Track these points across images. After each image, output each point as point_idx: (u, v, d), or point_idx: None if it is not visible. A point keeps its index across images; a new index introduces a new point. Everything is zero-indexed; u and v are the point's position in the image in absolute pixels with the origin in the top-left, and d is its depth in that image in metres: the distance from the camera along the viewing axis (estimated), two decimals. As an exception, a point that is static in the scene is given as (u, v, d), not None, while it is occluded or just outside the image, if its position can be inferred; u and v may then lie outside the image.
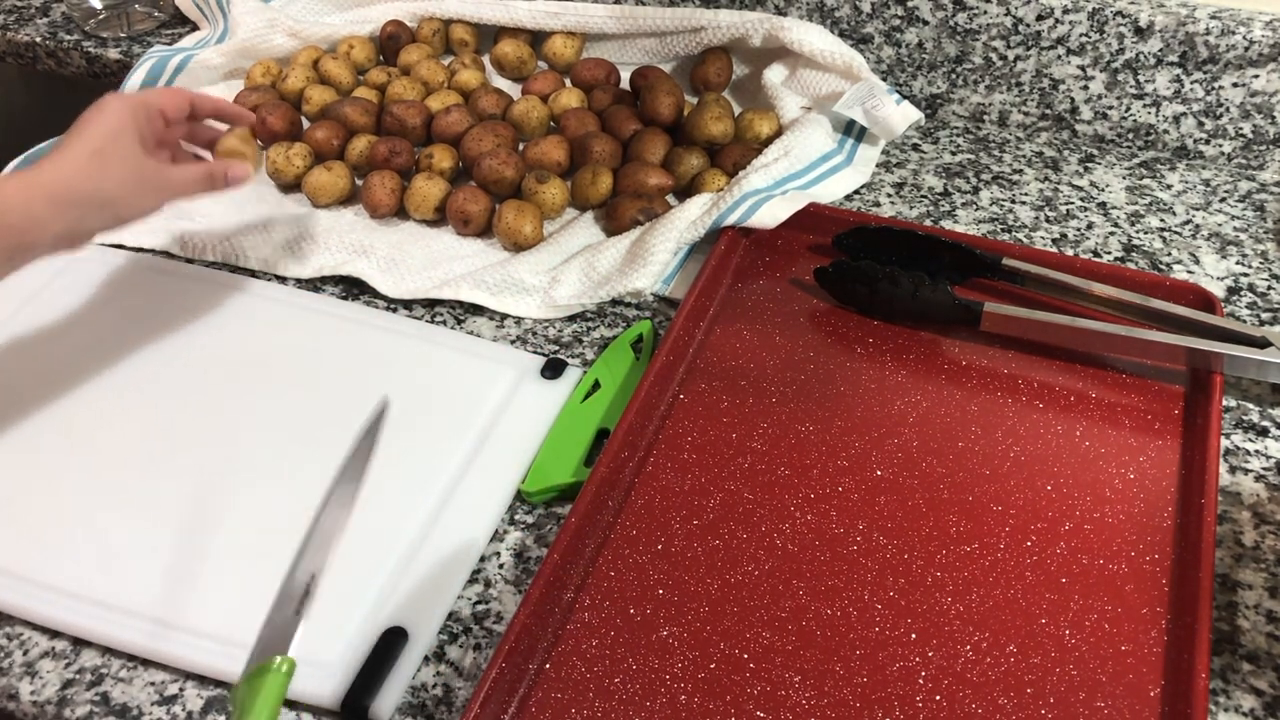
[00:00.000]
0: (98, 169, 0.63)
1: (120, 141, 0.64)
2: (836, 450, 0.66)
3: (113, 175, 0.64)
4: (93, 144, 0.63)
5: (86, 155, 0.63)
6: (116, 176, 0.64)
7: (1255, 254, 0.82)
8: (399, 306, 0.79)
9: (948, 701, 0.54)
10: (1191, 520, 0.60)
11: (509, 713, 0.54)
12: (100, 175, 0.63)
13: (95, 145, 0.63)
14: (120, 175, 0.64)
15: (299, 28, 1.01)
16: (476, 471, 0.66)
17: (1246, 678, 0.56)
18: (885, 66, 0.98)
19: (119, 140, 0.64)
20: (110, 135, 0.64)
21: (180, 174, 0.68)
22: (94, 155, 0.63)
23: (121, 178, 0.64)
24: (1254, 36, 0.84)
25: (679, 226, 0.79)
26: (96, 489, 0.65)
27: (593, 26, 1.01)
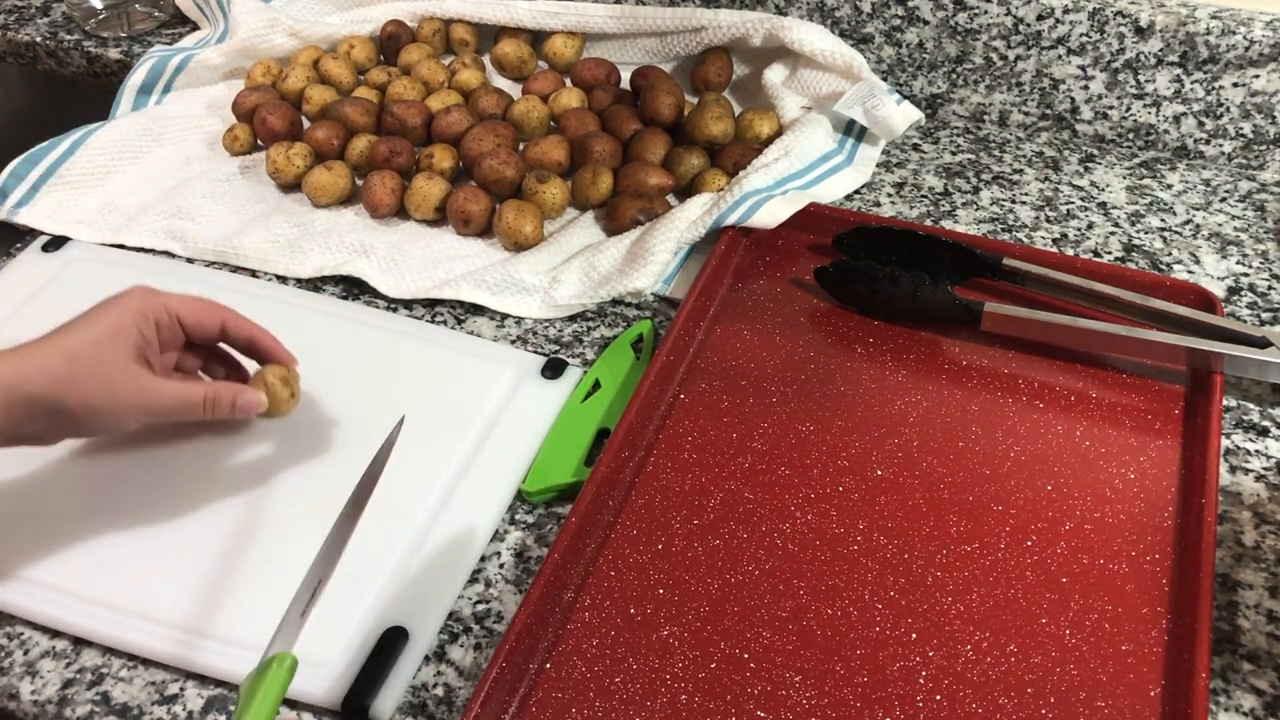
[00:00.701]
0: (63, 374, 0.55)
1: (104, 349, 0.57)
2: (836, 450, 0.66)
3: (78, 387, 0.56)
4: (72, 344, 0.56)
5: (60, 356, 0.56)
6: (82, 390, 0.56)
7: (1255, 254, 0.82)
8: (399, 306, 0.79)
9: (948, 701, 0.54)
10: (1192, 520, 0.60)
11: (509, 713, 0.54)
12: (62, 382, 0.55)
13: (73, 346, 0.56)
14: (87, 390, 0.56)
15: (299, 27, 1.01)
16: (476, 471, 0.66)
17: (1247, 678, 0.56)
18: (885, 66, 0.98)
19: (104, 347, 0.57)
20: (96, 340, 0.57)
21: (169, 394, 0.59)
22: (66, 358, 0.56)
23: (87, 392, 0.56)
24: (1254, 36, 0.84)
25: (679, 226, 0.79)
26: (96, 489, 0.65)
27: (593, 26, 1.01)
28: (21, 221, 0.86)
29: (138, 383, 0.58)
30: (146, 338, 0.59)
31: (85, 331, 0.57)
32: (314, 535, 0.62)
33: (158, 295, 0.61)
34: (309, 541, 0.62)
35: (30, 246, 0.83)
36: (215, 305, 0.64)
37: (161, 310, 0.60)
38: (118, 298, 0.60)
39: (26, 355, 0.56)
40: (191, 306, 0.62)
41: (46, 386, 0.55)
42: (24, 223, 0.86)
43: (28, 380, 0.55)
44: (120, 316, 0.58)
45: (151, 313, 0.60)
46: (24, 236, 0.85)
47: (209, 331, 0.63)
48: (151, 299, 0.60)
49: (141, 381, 0.58)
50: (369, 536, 0.62)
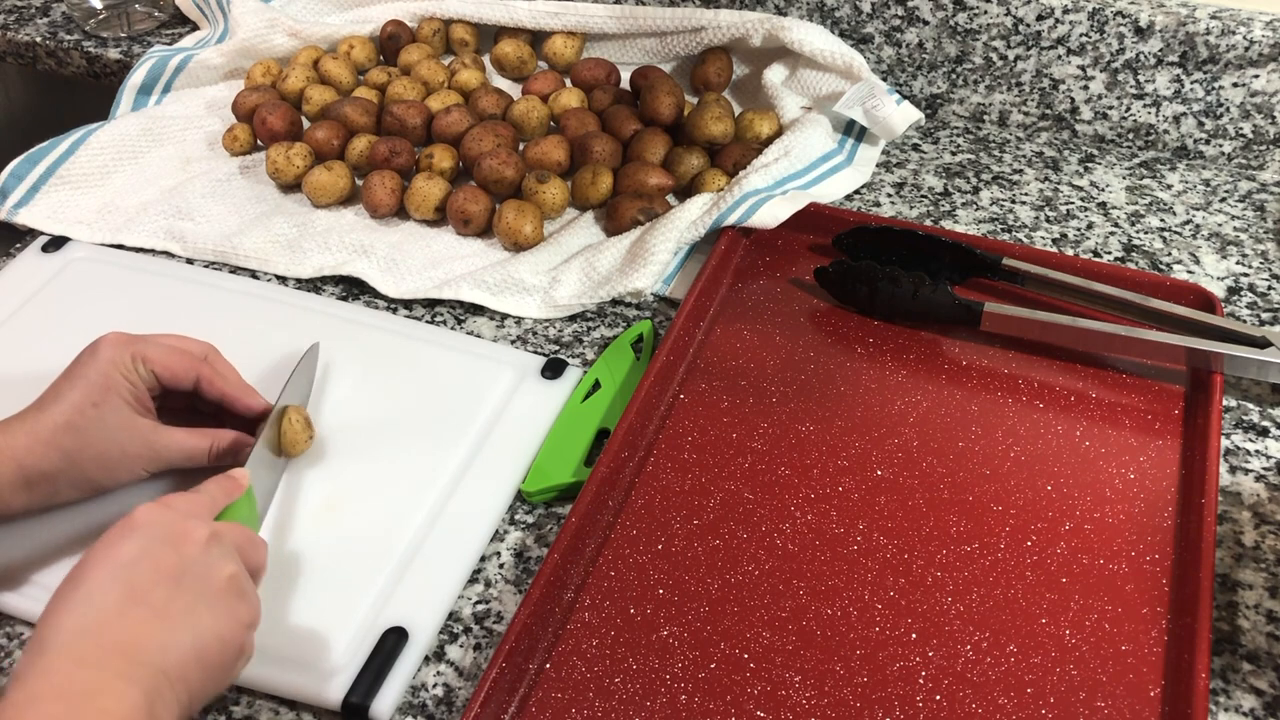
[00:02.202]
0: (72, 445, 0.57)
1: (103, 410, 0.57)
2: (836, 450, 0.66)
3: (93, 452, 0.57)
4: (70, 413, 0.57)
5: (62, 427, 0.57)
6: (97, 453, 0.57)
7: (1255, 254, 0.82)
8: (399, 306, 0.79)
9: (948, 701, 0.54)
10: (1192, 520, 0.60)
11: (509, 713, 0.54)
12: (74, 453, 0.57)
13: (71, 415, 0.57)
14: (102, 451, 0.57)
15: (299, 28, 1.01)
16: (476, 471, 0.66)
17: (1246, 678, 0.56)
18: (885, 66, 0.98)
19: (103, 409, 0.57)
20: (93, 403, 0.57)
21: (176, 446, 0.60)
22: (69, 429, 0.57)
23: (103, 454, 0.58)
24: (1254, 36, 0.84)
25: (679, 226, 0.79)
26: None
27: (593, 26, 1.01)
28: (21, 221, 0.86)
29: (145, 436, 0.59)
30: (135, 387, 0.60)
31: (79, 395, 0.58)
32: (314, 536, 0.62)
33: (133, 343, 0.61)
34: (309, 542, 0.62)
35: (30, 246, 0.83)
36: (193, 360, 0.63)
37: (139, 361, 0.60)
38: (94, 350, 0.60)
39: (32, 435, 0.57)
40: (167, 359, 0.61)
41: (60, 461, 0.57)
42: (24, 223, 0.86)
43: (41, 459, 0.56)
44: (106, 371, 0.59)
45: (130, 362, 0.60)
46: (24, 236, 0.85)
47: (182, 384, 0.62)
48: (127, 349, 0.60)
49: (147, 435, 0.60)
50: (369, 536, 0.62)
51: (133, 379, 0.60)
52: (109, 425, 0.58)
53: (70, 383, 0.59)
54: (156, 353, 0.61)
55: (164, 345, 0.62)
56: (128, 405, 0.59)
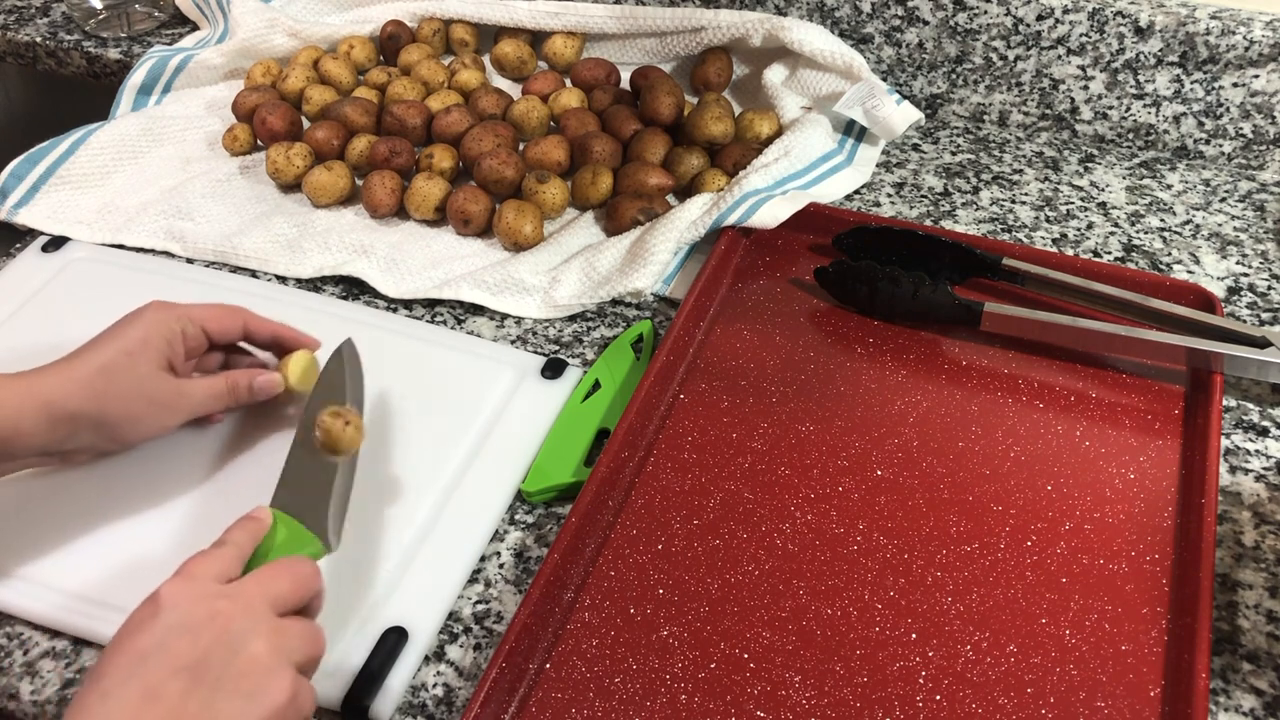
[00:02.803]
0: (102, 387, 0.58)
1: (137, 359, 0.60)
2: (836, 450, 0.66)
3: (118, 396, 0.59)
4: (105, 357, 0.59)
5: (95, 370, 0.58)
6: (122, 398, 0.59)
7: (1255, 254, 0.82)
8: (399, 306, 0.79)
9: (948, 701, 0.54)
10: (1191, 520, 0.60)
11: (509, 713, 0.54)
12: (103, 395, 0.58)
13: (106, 360, 0.59)
14: (126, 397, 0.59)
15: (299, 28, 1.01)
16: (476, 471, 0.66)
17: (1246, 678, 0.56)
18: (885, 66, 0.98)
19: (137, 358, 0.60)
20: (127, 351, 0.60)
21: (198, 391, 0.63)
22: (101, 371, 0.58)
23: (127, 401, 0.59)
24: (1254, 36, 0.84)
25: (679, 226, 0.79)
26: (96, 489, 0.65)
27: (593, 26, 1.01)
28: (21, 221, 0.86)
29: (172, 386, 0.62)
30: (173, 348, 0.62)
31: (116, 344, 0.60)
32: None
33: (177, 307, 0.63)
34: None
35: (30, 246, 0.83)
36: (235, 309, 0.66)
37: (185, 321, 0.63)
38: (138, 313, 0.62)
39: (63, 372, 0.58)
40: (213, 313, 0.64)
41: (88, 401, 0.58)
42: (24, 223, 0.86)
43: (69, 396, 0.58)
44: (148, 329, 0.61)
45: (175, 324, 0.62)
46: (24, 236, 0.85)
47: (231, 335, 0.66)
48: (175, 311, 0.63)
49: (174, 385, 0.62)
50: (369, 536, 0.62)
51: (173, 341, 0.62)
52: (140, 373, 0.60)
53: (110, 334, 0.61)
54: (201, 310, 0.64)
55: (207, 304, 0.65)
56: (159, 361, 0.61)
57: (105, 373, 0.59)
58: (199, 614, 0.46)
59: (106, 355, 0.59)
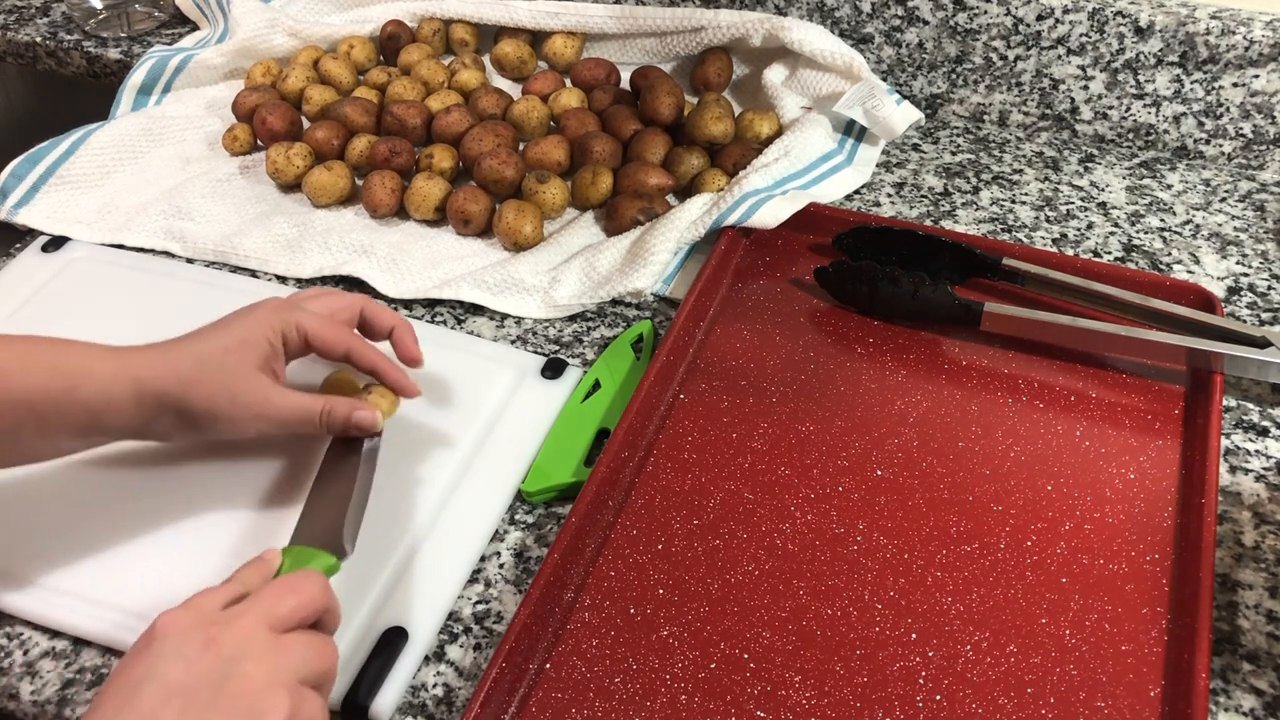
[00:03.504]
0: (192, 376, 0.58)
1: (231, 355, 0.59)
2: (836, 450, 0.66)
3: (204, 388, 0.58)
4: (203, 348, 0.59)
5: (189, 357, 0.58)
6: (207, 391, 0.58)
7: (1255, 254, 0.82)
8: (399, 306, 0.79)
9: (948, 701, 0.54)
10: (1191, 520, 0.60)
11: (509, 713, 0.54)
12: (190, 384, 0.58)
13: (203, 351, 0.59)
14: (212, 390, 0.58)
15: (299, 28, 1.01)
16: (476, 471, 0.66)
17: (1246, 678, 0.56)
18: (885, 66, 0.98)
19: (231, 354, 0.59)
20: (224, 347, 0.59)
21: (290, 405, 0.60)
22: (195, 361, 0.58)
23: (212, 394, 0.58)
24: (1254, 36, 0.84)
25: (679, 226, 0.79)
26: (96, 489, 0.65)
27: (593, 26, 1.01)
28: (21, 221, 0.86)
29: (261, 392, 0.59)
30: (275, 350, 0.61)
31: (216, 339, 0.59)
32: (314, 535, 0.62)
33: (291, 312, 0.62)
34: (309, 541, 0.62)
35: (30, 246, 0.83)
36: (344, 332, 0.63)
37: (292, 328, 0.61)
38: (253, 309, 0.61)
39: (160, 355, 0.58)
40: (322, 331, 0.62)
41: (174, 385, 0.58)
42: (24, 223, 0.86)
43: (158, 378, 0.57)
44: (251, 329, 0.60)
45: (282, 328, 0.61)
46: (24, 236, 0.85)
47: (334, 355, 0.64)
48: (284, 315, 0.61)
49: (264, 391, 0.60)
50: (369, 536, 0.62)
51: (275, 344, 0.61)
52: (230, 370, 0.59)
53: (215, 327, 0.60)
54: (312, 322, 0.62)
55: (319, 315, 0.63)
56: (256, 361, 0.60)
57: (198, 362, 0.58)
58: (193, 640, 0.46)
59: (204, 348, 0.59)
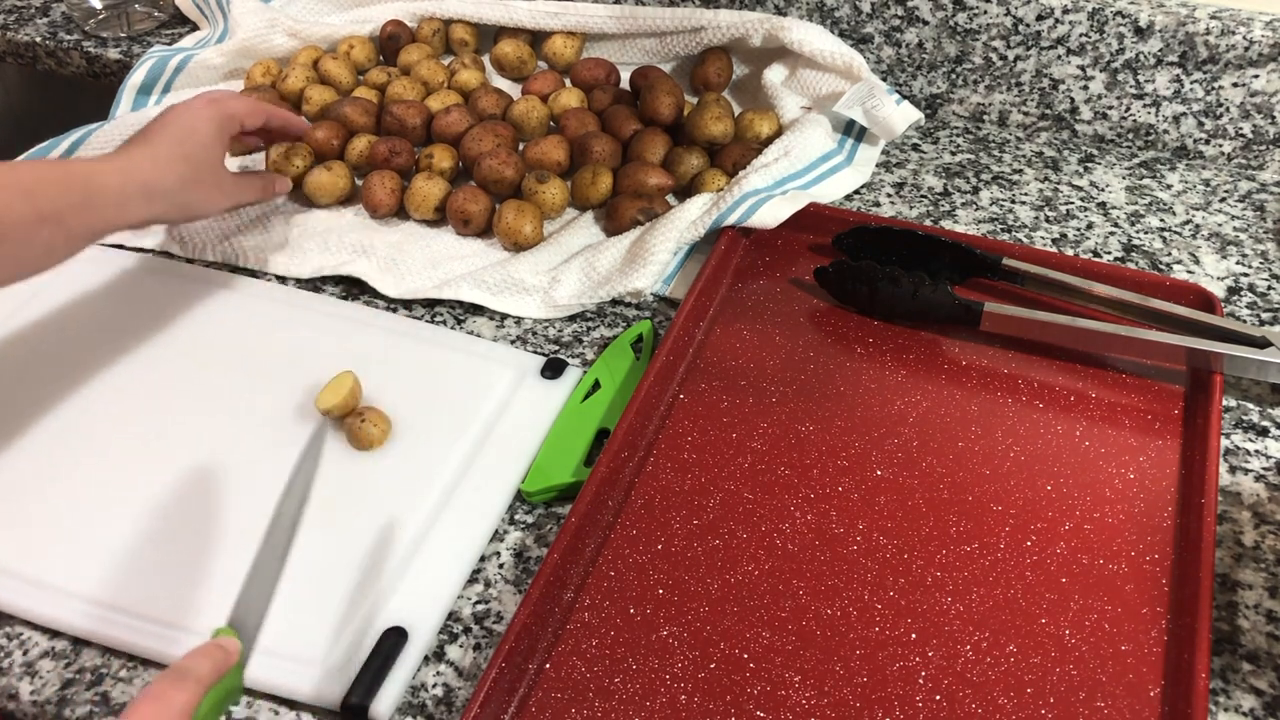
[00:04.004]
0: (189, 174, 0.70)
1: (208, 152, 0.72)
2: (836, 450, 0.66)
3: (199, 184, 0.71)
4: (184, 149, 0.70)
5: (179, 158, 0.70)
6: (202, 187, 0.72)
7: (1255, 254, 0.82)
8: (399, 306, 0.78)
9: (948, 701, 0.54)
10: (1191, 520, 0.60)
11: (509, 713, 0.54)
12: (188, 182, 0.70)
13: (186, 150, 0.71)
14: (206, 186, 0.72)
15: (299, 28, 1.01)
16: (476, 471, 0.66)
17: (1246, 678, 0.56)
18: (885, 66, 0.98)
19: (208, 151, 0.72)
20: (200, 145, 0.71)
21: (248, 186, 0.77)
22: (184, 160, 0.70)
23: (204, 184, 0.72)
24: (1254, 36, 0.84)
25: (679, 226, 0.79)
26: (97, 489, 0.65)
27: (593, 26, 1.01)
28: (21, 221, 0.86)
29: (232, 178, 0.75)
30: (225, 142, 0.74)
31: (188, 138, 0.71)
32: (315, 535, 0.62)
33: (222, 104, 0.74)
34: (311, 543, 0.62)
35: (30, 246, 0.83)
36: (258, 103, 0.79)
37: (231, 118, 0.75)
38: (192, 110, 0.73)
39: (154, 157, 0.69)
40: (246, 109, 0.77)
41: (176, 182, 0.70)
42: (24, 223, 0.86)
43: (161, 177, 0.69)
44: (209, 127, 0.72)
45: (227, 121, 0.74)
46: (24, 236, 0.85)
47: (260, 124, 0.79)
48: (220, 108, 0.74)
49: (234, 178, 0.76)
50: (369, 536, 0.62)
51: (225, 135, 0.74)
52: (213, 163, 0.73)
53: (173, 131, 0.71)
54: (239, 105, 0.76)
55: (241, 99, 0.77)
56: (223, 153, 0.74)
57: (188, 161, 0.70)
58: None
59: (185, 147, 0.71)
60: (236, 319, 0.77)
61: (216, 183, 0.73)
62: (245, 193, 0.77)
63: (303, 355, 0.73)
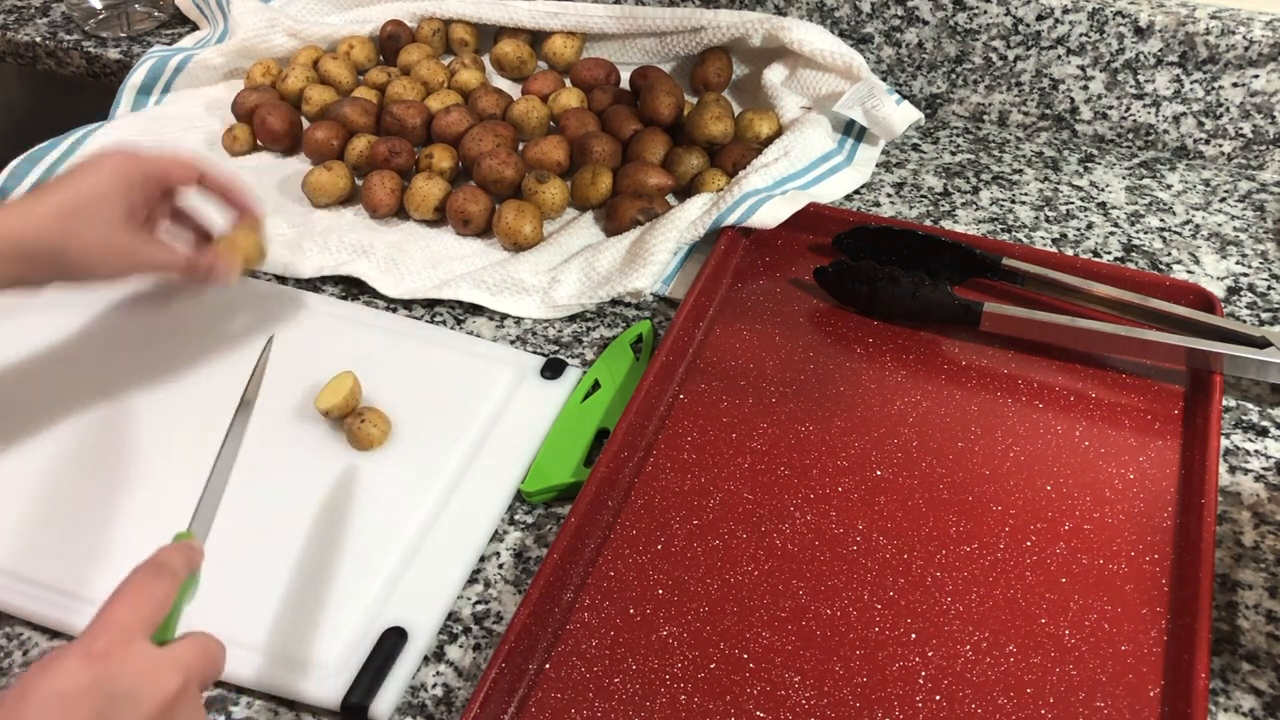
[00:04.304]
0: (64, 229, 0.60)
1: (100, 206, 0.62)
2: (836, 450, 0.66)
3: (78, 239, 0.61)
4: (69, 202, 0.61)
5: (57, 212, 0.60)
6: (82, 242, 0.61)
7: (1255, 254, 0.82)
8: (399, 306, 0.79)
9: (948, 701, 0.54)
10: (1191, 520, 0.60)
11: (509, 713, 0.54)
12: (64, 236, 0.60)
13: (71, 204, 0.61)
14: (86, 242, 0.61)
15: (299, 28, 1.01)
16: (476, 471, 0.66)
17: (1246, 678, 0.56)
18: (885, 66, 0.98)
19: (100, 205, 0.61)
20: (92, 198, 0.61)
21: (155, 254, 0.65)
22: (65, 214, 0.60)
23: (87, 244, 0.61)
24: (1254, 36, 0.84)
25: (679, 226, 0.79)
26: (96, 489, 0.65)
27: (593, 26, 1.01)
28: (21, 221, 0.86)
29: (130, 238, 0.63)
30: (133, 197, 0.64)
31: (82, 187, 0.62)
32: (313, 534, 0.62)
33: (139, 157, 0.65)
34: (308, 540, 0.62)
35: (30, 246, 0.83)
36: (191, 160, 0.68)
37: (146, 171, 0.64)
38: (100, 162, 0.63)
39: (28, 210, 0.60)
40: (173, 165, 0.66)
41: (49, 239, 0.60)
42: (24, 223, 0.86)
43: (34, 233, 0.60)
44: (111, 178, 0.62)
45: (139, 174, 0.64)
46: (24, 236, 0.85)
47: (187, 181, 0.67)
48: (135, 161, 0.64)
49: (134, 238, 0.64)
50: (369, 536, 0.62)
51: (133, 194, 0.64)
52: (103, 219, 0.62)
53: (74, 176, 0.62)
54: (160, 161, 0.66)
55: (164, 154, 0.67)
56: (122, 210, 0.63)
57: (66, 216, 0.60)
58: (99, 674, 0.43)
59: (71, 200, 0.61)
60: (236, 319, 0.77)
61: (108, 246, 0.62)
62: (152, 262, 0.65)
63: (303, 355, 0.73)
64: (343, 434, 0.68)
